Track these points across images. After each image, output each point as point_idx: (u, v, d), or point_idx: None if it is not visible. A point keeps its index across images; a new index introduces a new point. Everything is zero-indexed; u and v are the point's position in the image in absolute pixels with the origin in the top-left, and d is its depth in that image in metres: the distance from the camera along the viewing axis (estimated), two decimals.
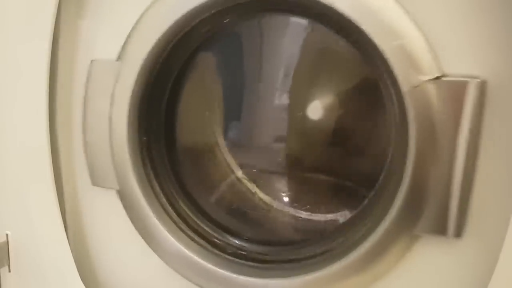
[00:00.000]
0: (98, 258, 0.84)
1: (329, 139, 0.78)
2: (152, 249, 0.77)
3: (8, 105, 0.79)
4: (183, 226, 0.77)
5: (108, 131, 0.74)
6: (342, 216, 0.76)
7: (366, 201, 0.72)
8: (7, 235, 0.84)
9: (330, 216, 0.79)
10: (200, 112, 0.83)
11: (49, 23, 0.73)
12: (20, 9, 0.75)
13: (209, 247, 0.76)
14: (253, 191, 0.83)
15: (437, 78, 0.57)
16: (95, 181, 0.78)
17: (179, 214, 0.78)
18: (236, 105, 0.83)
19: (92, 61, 0.74)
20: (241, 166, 0.83)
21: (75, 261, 0.80)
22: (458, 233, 0.59)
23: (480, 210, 0.59)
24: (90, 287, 0.81)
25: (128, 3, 0.72)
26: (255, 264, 0.74)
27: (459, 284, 0.62)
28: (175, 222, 0.77)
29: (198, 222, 0.79)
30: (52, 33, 0.73)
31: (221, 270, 0.72)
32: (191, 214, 0.79)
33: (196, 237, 0.77)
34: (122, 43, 0.72)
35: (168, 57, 0.72)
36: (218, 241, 0.78)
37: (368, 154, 0.75)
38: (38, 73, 0.75)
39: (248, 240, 0.78)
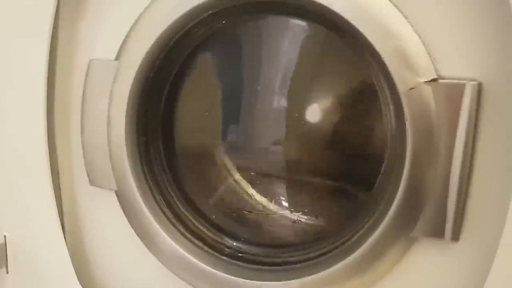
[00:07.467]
0: (96, 259, 0.84)
1: (327, 142, 0.78)
2: (150, 250, 0.76)
3: (6, 106, 0.80)
4: (181, 227, 0.77)
5: (106, 131, 0.74)
6: (339, 219, 0.76)
7: (363, 204, 0.72)
8: (5, 236, 0.84)
9: (327, 219, 0.79)
10: (199, 113, 0.83)
11: (47, 24, 0.73)
12: (19, 10, 0.76)
13: (206, 248, 0.76)
14: (250, 193, 0.83)
15: (434, 80, 0.57)
16: (93, 181, 0.78)
17: (176, 215, 0.78)
18: (234, 107, 0.82)
19: (90, 60, 0.74)
20: (239, 168, 0.83)
21: (73, 262, 0.80)
22: (456, 236, 0.59)
23: (477, 213, 0.59)
24: None
25: (127, 4, 0.72)
26: (252, 266, 0.74)
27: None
28: (172, 223, 0.77)
29: (196, 223, 0.79)
30: (51, 34, 0.74)
31: (218, 272, 0.72)
32: (188, 215, 0.79)
33: (193, 238, 0.77)
34: (120, 44, 0.72)
35: (166, 57, 0.72)
36: (215, 243, 0.78)
37: (365, 157, 0.75)
38: (36, 74, 0.75)
39: (245, 241, 0.78)
